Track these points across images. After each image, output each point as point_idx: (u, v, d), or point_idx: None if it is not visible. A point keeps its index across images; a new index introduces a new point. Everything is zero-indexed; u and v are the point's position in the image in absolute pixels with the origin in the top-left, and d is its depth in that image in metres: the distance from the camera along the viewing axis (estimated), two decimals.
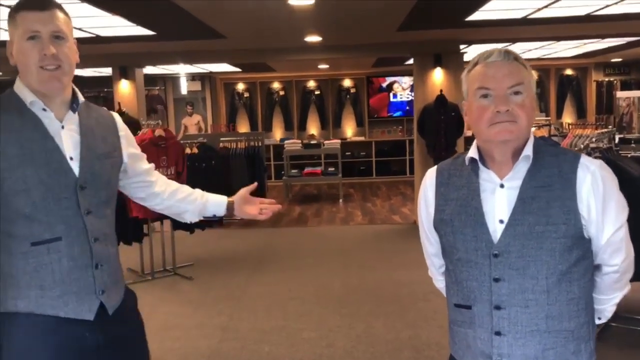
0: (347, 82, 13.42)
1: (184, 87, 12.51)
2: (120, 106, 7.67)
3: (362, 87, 13.42)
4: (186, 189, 2.04)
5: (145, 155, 1.97)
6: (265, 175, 8.66)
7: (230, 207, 1.99)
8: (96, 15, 5.22)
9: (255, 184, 2.09)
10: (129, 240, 5.58)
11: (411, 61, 10.65)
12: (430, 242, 1.71)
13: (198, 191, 2.03)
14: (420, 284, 5.24)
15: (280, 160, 11.57)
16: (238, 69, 11.64)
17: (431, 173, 1.66)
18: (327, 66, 11.47)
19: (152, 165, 2.00)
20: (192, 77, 12.46)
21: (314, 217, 8.88)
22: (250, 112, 13.41)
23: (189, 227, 5.91)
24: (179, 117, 12.56)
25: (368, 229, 7.86)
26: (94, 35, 6.17)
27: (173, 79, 12.51)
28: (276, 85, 13.39)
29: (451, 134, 7.51)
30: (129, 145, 1.86)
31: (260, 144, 8.57)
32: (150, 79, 12.21)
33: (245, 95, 13.41)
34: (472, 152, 1.55)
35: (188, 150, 5.88)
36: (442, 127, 7.47)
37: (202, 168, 5.79)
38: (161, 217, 5.53)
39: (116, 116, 1.87)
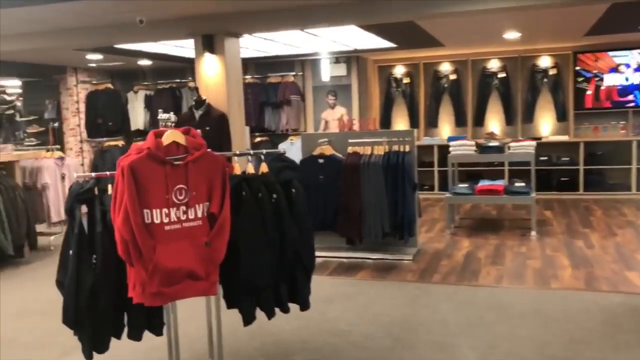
0: (544, 61, 9.79)
1: (326, 72, 9.91)
2: (199, 92, 5.25)
3: (567, 67, 9.69)
4: None
5: None
6: (413, 195, 5.68)
7: None
8: None
9: None
10: (135, 334, 3.03)
11: None
12: None
13: None
14: None
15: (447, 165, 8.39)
16: (393, 45, 8.74)
17: None
18: (517, 35, 8.06)
19: None
20: (336, 59, 9.81)
21: (491, 263, 5.69)
22: (411, 102, 10.41)
23: (277, 301, 3.18)
24: (318, 109, 10.03)
25: (587, 302, 4.49)
26: None
27: (312, 63, 9.99)
28: (446, 67, 10.23)
29: None
30: None
31: (406, 149, 5.60)
32: (286, 63, 9.86)
33: (404, 81, 10.44)
34: None
35: (236, 168, 3.12)
36: None
37: (273, 203, 3.05)
38: (194, 289, 2.87)
39: None
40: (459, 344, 3.79)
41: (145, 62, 9.46)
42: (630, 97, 9.32)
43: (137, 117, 10.24)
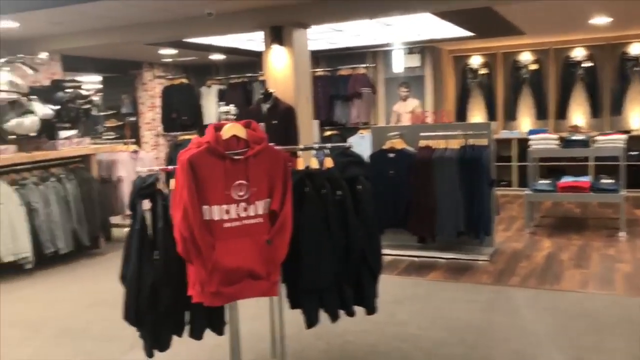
0: (636, 48, 9.09)
1: (399, 64, 9.63)
2: (266, 85, 5.16)
3: None
4: None
5: None
6: (490, 192, 5.36)
7: None
8: None
9: None
10: (196, 333, 2.95)
11: None
12: None
13: None
14: None
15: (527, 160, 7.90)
16: (470, 34, 8.35)
17: None
18: (607, 21, 7.48)
19: None
20: (410, 49, 9.51)
21: (575, 265, 5.29)
22: (488, 94, 9.96)
23: (341, 303, 3.01)
24: (390, 102, 9.76)
25: None
26: None
27: (384, 54, 9.74)
28: (526, 56, 9.72)
29: None
30: None
31: (483, 143, 5.28)
32: (357, 55, 9.66)
33: (481, 72, 10.00)
34: None
35: (299, 163, 2.96)
36: None
37: (337, 200, 2.89)
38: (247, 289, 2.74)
39: None
40: (540, 354, 3.49)
41: (217, 57, 9.54)
42: None
43: (211, 111, 10.34)
